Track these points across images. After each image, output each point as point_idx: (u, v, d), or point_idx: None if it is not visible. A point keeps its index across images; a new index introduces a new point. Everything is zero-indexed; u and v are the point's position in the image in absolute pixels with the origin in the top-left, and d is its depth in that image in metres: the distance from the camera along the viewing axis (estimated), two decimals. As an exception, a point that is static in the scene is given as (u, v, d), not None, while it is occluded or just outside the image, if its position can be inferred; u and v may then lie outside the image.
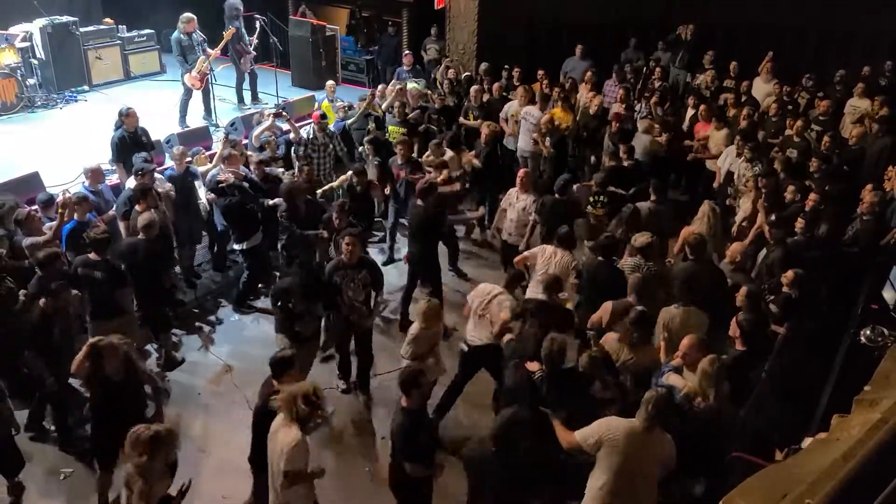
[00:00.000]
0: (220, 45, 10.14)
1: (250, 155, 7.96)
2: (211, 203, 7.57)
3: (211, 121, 10.11)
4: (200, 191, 7.71)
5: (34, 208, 6.67)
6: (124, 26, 12.28)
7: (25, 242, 6.06)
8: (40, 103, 10.73)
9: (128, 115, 7.79)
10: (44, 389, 5.40)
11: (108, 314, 5.83)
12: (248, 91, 11.12)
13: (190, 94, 9.87)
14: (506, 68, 10.85)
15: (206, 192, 7.63)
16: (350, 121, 9.37)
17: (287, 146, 8.83)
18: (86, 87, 11.49)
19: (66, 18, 11.18)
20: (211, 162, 8.03)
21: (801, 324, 5.20)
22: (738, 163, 8.17)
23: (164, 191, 7.16)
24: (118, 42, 11.92)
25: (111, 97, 11.07)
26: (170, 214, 7.15)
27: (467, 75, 11.35)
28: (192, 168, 7.82)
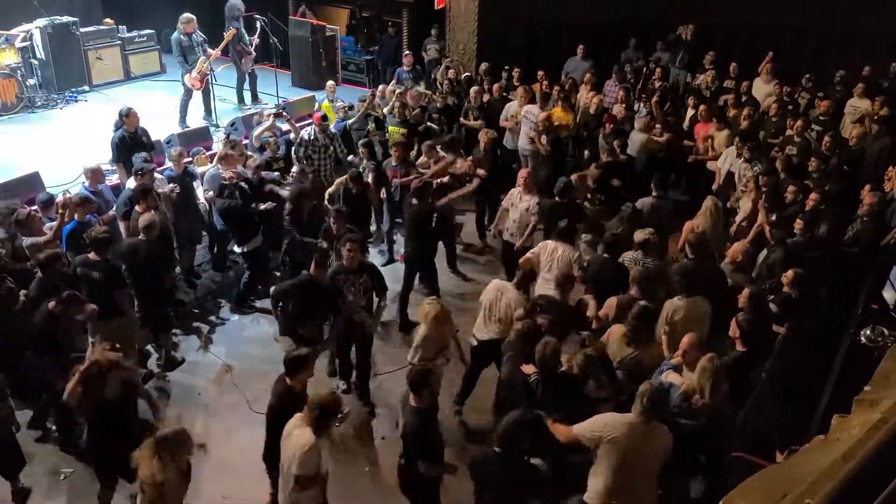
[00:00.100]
0: (221, 46, 10.15)
1: (251, 156, 7.95)
2: (210, 203, 7.57)
3: (211, 121, 10.11)
4: (199, 191, 7.71)
5: (34, 208, 6.67)
6: (124, 26, 12.29)
7: (26, 243, 6.07)
8: (40, 103, 10.74)
9: (128, 115, 7.79)
10: (52, 390, 5.40)
11: (107, 314, 5.81)
12: (249, 91, 11.12)
13: (190, 95, 9.87)
14: (506, 68, 10.86)
15: (204, 192, 7.63)
16: (350, 121, 9.37)
17: (287, 146, 8.84)
18: (86, 88, 11.49)
19: (66, 19, 11.20)
20: (212, 162, 8.04)
21: (801, 324, 5.20)
22: (738, 163, 8.16)
23: (166, 191, 7.16)
24: (118, 42, 11.93)
25: (111, 97, 11.07)
26: (170, 215, 7.15)
27: (467, 75, 11.34)
28: (191, 168, 7.82)
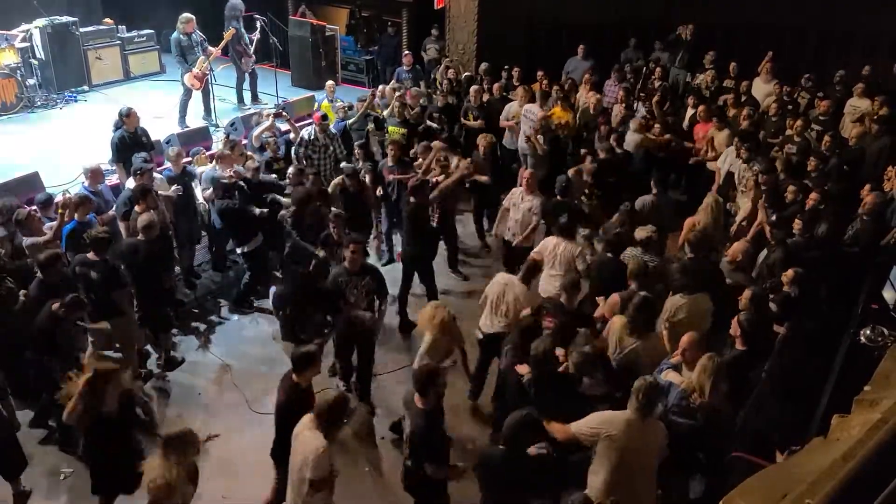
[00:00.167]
0: (221, 45, 10.14)
1: (251, 156, 7.95)
2: (208, 202, 7.56)
3: (211, 121, 10.11)
4: (197, 190, 7.70)
5: (34, 208, 6.67)
6: (124, 26, 12.29)
7: (26, 243, 6.07)
8: (40, 103, 10.73)
9: (128, 115, 7.79)
10: (53, 390, 5.39)
11: (106, 314, 5.83)
12: (248, 91, 11.12)
13: (190, 95, 9.87)
14: (506, 68, 10.85)
15: (202, 191, 7.63)
16: (350, 121, 9.36)
17: (287, 146, 8.83)
18: (86, 88, 11.49)
19: (66, 19, 11.20)
20: (211, 162, 8.03)
21: (801, 324, 5.20)
22: (738, 163, 8.16)
23: (170, 194, 7.15)
24: (118, 42, 11.92)
25: (111, 97, 11.07)
26: (169, 215, 7.15)
27: (468, 75, 11.33)
28: (189, 168, 7.82)
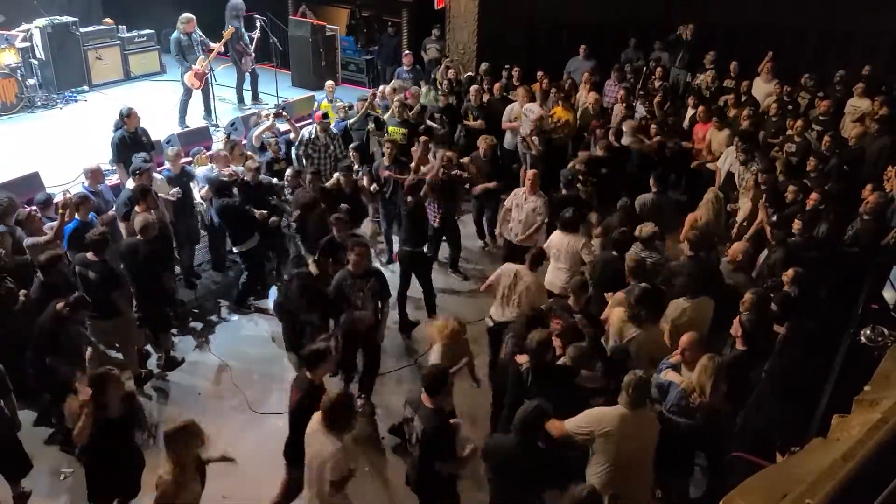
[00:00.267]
0: (221, 43, 10.12)
1: (251, 156, 7.94)
2: (207, 201, 7.55)
3: (211, 121, 10.11)
4: (196, 190, 7.71)
5: (34, 208, 6.67)
6: (124, 26, 12.30)
7: (27, 242, 6.07)
8: (40, 103, 10.74)
9: (129, 115, 7.79)
10: (54, 389, 5.41)
11: (105, 314, 5.83)
12: (249, 91, 11.12)
13: (190, 94, 9.87)
14: (506, 68, 10.85)
15: (199, 190, 7.63)
16: (351, 121, 9.36)
17: (287, 146, 8.83)
18: (86, 88, 11.49)
19: (66, 18, 11.21)
20: (211, 162, 8.03)
21: (801, 323, 5.20)
22: (738, 164, 8.16)
23: (170, 196, 7.16)
24: (118, 42, 11.93)
25: (111, 97, 11.08)
26: (169, 215, 7.15)
27: (469, 75, 11.32)
28: (188, 168, 7.82)
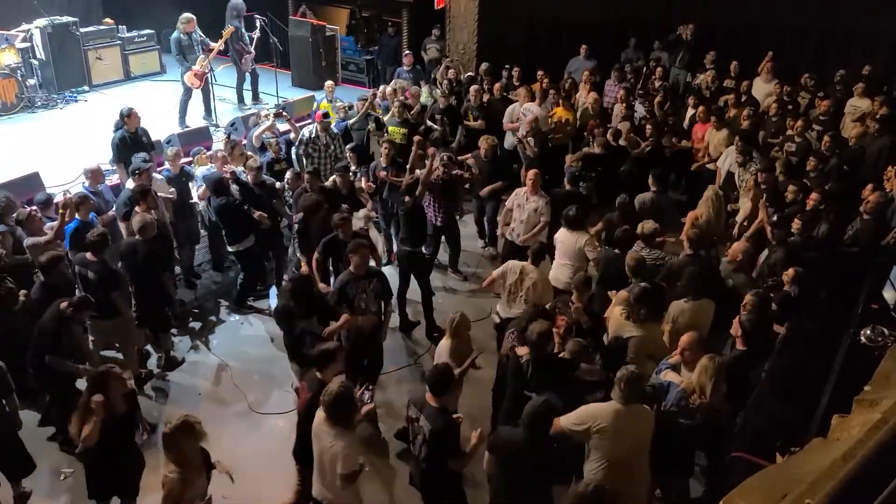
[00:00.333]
0: (220, 42, 10.12)
1: (251, 156, 7.94)
2: (205, 201, 7.54)
3: (211, 121, 10.12)
4: (195, 190, 7.71)
5: (34, 208, 6.67)
6: (124, 26, 12.31)
7: (27, 243, 6.07)
8: (40, 103, 10.75)
9: (129, 115, 7.79)
10: (55, 389, 5.42)
11: (104, 314, 5.83)
12: (249, 91, 11.12)
13: (190, 94, 9.88)
14: (506, 68, 10.86)
15: (197, 190, 7.63)
16: (351, 121, 9.36)
17: (287, 146, 8.83)
18: (86, 88, 11.51)
19: (66, 19, 11.23)
20: (211, 162, 8.03)
21: (801, 323, 5.20)
22: (737, 165, 8.16)
23: (165, 196, 7.15)
24: (118, 42, 11.94)
25: (111, 97, 11.09)
26: (169, 215, 7.14)
27: (469, 75, 11.32)
28: (188, 168, 7.82)
